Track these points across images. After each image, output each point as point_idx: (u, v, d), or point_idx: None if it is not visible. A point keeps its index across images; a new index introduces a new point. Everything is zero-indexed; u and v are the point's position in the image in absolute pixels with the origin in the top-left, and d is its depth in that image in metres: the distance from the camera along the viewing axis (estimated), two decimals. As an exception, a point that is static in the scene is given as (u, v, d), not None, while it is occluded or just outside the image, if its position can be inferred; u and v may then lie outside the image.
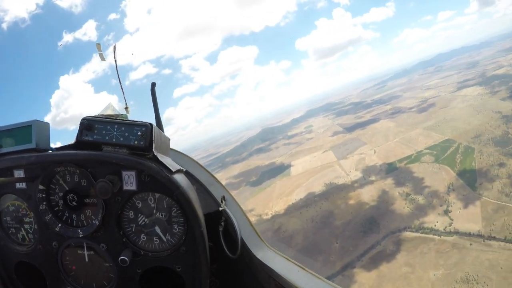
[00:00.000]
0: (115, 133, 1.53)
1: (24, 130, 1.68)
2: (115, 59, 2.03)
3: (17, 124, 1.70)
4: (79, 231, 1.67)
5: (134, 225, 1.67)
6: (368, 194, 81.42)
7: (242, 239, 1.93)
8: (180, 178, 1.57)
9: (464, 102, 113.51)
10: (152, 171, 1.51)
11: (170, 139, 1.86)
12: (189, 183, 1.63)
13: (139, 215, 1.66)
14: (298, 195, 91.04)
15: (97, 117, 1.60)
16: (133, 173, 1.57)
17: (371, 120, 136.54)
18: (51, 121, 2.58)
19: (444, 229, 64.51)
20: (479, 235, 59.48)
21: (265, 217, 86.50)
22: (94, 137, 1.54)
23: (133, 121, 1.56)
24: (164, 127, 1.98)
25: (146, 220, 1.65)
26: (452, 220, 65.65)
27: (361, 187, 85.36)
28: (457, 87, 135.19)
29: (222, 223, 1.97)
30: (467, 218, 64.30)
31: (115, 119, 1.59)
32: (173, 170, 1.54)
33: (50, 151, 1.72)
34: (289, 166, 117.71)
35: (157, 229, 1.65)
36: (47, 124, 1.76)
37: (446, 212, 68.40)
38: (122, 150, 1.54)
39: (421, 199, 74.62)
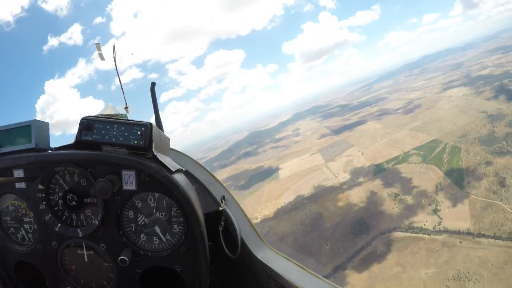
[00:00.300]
0: (114, 132, 1.54)
1: (23, 130, 1.67)
2: (115, 59, 2.02)
3: (16, 124, 1.69)
4: (78, 231, 1.67)
5: (133, 225, 1.67)
6: (357, 196, 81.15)
7: (242, 239, 1.92)
8: (179, 178, 1.57)
9: (450, 102, 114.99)
10: (151, 170, 1.51)
11: (170, 139, 1.85)
12: (188, 183, 1.63)
13: (139, 215, 1.65)
14: (287, 198, 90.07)
15: (97, 116, 1.61)
16: (132, 172, 1.57)
17: (358, 122, 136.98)
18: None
19: (434, 228, 64.65)
20: (469, 233, 59.77)
21: (254, 221, 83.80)
22: (94, 136, 1.55)
23: (132, 120, 1.57)
24: None
25: (145, 220, 1.65)
26: (441, 219, 65.87)
27: (350, 189, 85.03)
28: (443, 88, 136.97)
29: (222, 223, 1.96)
30: (456, 217, 64.62)
31: (115, 118, 1.60)
32: (173, 169, 1.54)
33: (49, 151, 1.70)
34: (277, 169, 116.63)
35: (156, 229, 1.65)
36: (47, 124, 1.74)
37: (435, 211, 68.66)
38: (121, 149, 1.54)
39: (409, 199, 74.69)
